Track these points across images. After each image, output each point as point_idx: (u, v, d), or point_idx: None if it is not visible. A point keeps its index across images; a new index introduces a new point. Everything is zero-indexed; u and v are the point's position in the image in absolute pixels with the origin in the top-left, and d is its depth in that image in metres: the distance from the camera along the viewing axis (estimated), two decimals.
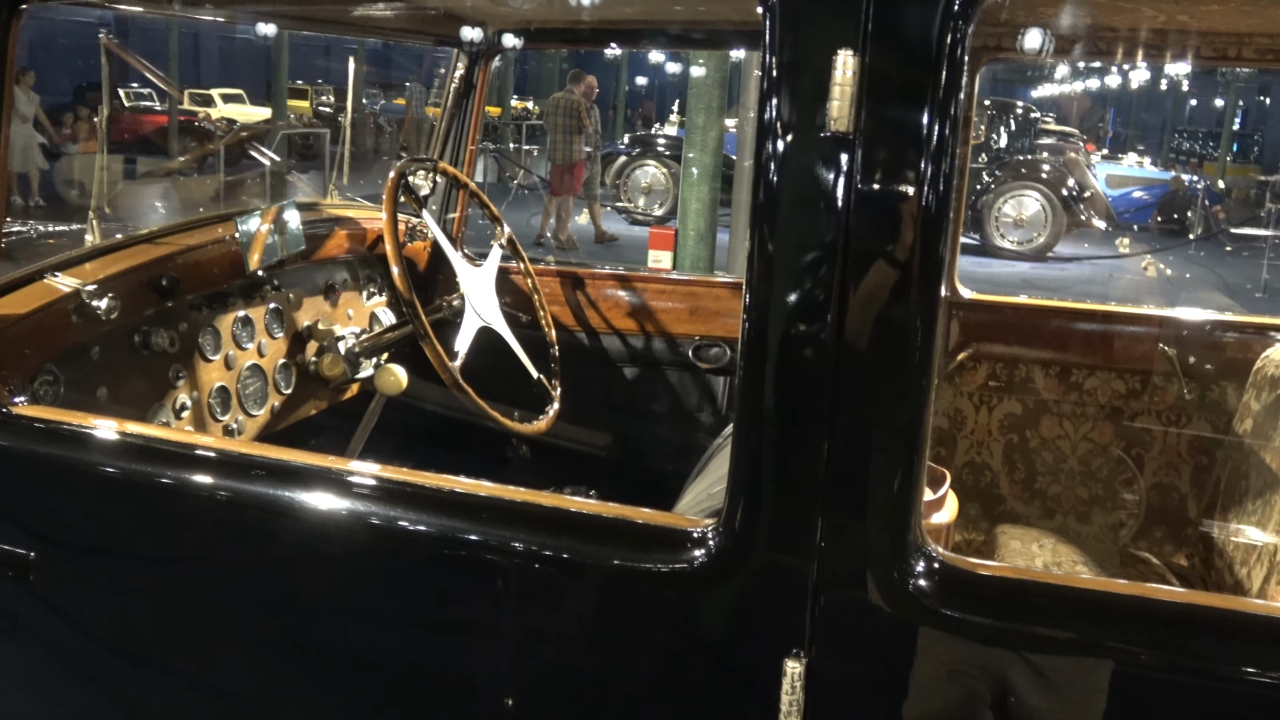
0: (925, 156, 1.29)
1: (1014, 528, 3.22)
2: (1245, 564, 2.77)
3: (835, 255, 1.31)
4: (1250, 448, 2.90)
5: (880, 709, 1.40)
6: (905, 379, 1.32)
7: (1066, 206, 15.82)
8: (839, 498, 1.35)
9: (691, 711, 1.48)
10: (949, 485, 2.49)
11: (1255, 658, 1.31)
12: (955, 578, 1.35)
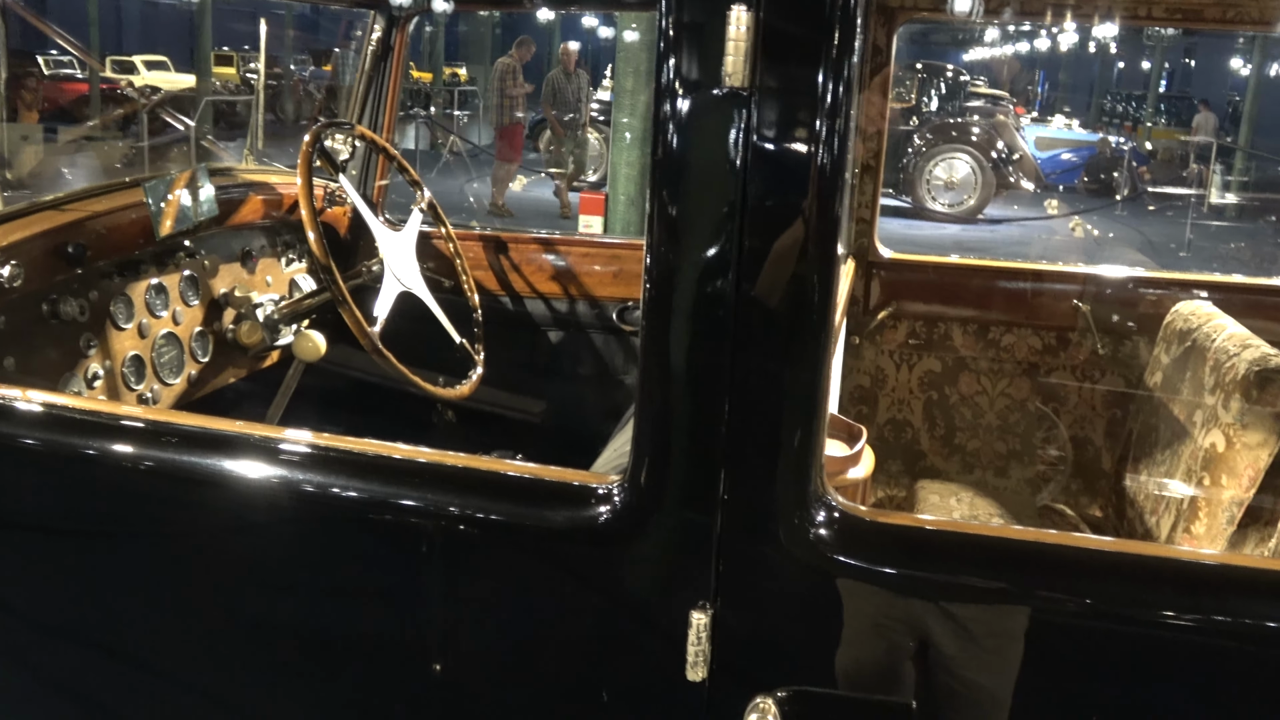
0: (821, 113, 1.30)
1: (934, 482, 3.27)
2: (1155, 513, 2.84)
3: (733, 213, 1.32)
4: (1160, 400, 2.97)
5: (785, 656, 1.43)
6: (804, 335, 1.34)
7: (996, 169, 16.00)
8: (741, 452, 1.37)
9: (601, 665, 1.50)
10: (865, 441, 2.53)
11: (1140, 599, 1.35)
12: (855, 527, 1.38)
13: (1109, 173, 18.09)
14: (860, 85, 1.36)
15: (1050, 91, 35.43)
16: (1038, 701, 1.39)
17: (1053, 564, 1.37)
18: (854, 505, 1.40)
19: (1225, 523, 2.57)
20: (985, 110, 18.14)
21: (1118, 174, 17.86)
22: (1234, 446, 2.51)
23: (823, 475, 1.39)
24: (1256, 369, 2.48)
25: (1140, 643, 1.37)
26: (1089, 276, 3.42)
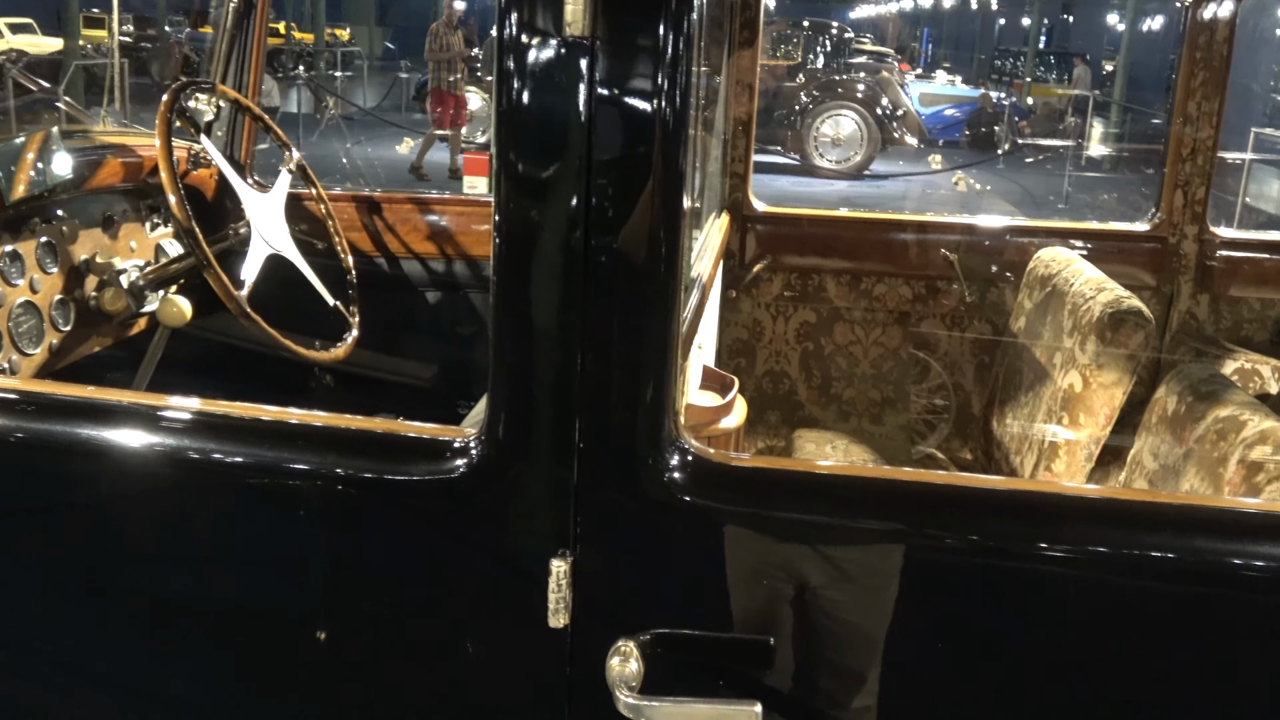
0: (664, 64, 1.31)
1: (811, 431, 3.34)
2: (1019, 453, 2.94)
3: (580, 166, 1.32)
4: (1024, 344, 3.07)
5: (646, 599, 1.45)
6: (654, 285, 1.36)
7: (881, 125, 16.24)
8: (595, 402, 1.38)
9: (465, 618, 1.51)
10: (737, 391, 2.58)
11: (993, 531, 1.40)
12: (709, 471, 1.41)
13: (990, 128, 18.48)
14: (702, 35, 1.38)
15: (934, 48, 35.97)
16: (892, 633, 1.43)
17: (896, 500, 1.42)
18: (706, 449, 1.42)
19: (1084, 460, 2.67)
20: (870, 67, 18.38)
21: (999, 129, 18.26)
22: (1091, 386, 2.60)
23: (678, 421, 1.41)
24: (1110, 311, 2.58)
25: (984, 574, 1.42)
26: (957, 226, 3.51)
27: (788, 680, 1.45)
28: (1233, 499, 1.74)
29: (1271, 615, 1.38)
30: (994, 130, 18.34)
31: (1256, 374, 3.32)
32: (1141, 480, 2.34)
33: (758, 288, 3.44)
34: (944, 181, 15.52)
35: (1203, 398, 2.13)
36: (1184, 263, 3.34)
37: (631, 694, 1.38)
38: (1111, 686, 1.42)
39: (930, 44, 37.17)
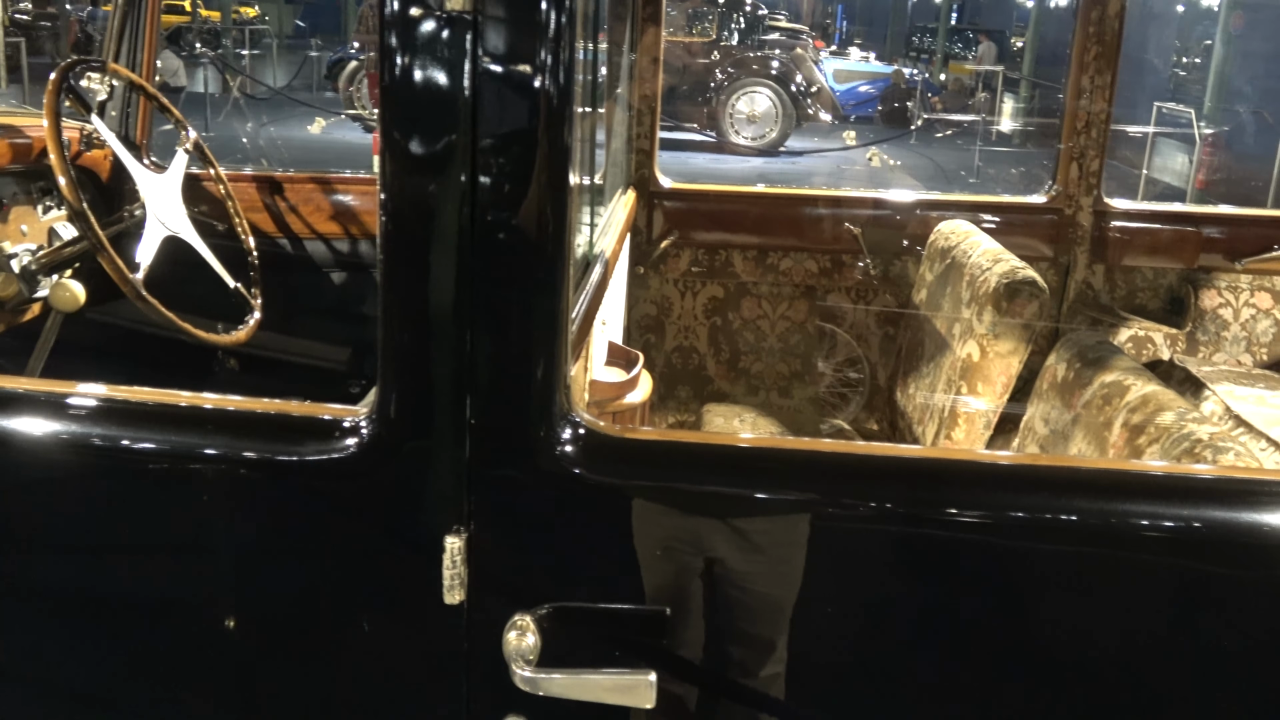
0: (546, 39, 1.30)
1: (720, 405, 3.37)
2: (921, 422, 3.00)
3: (464, 143, 1.32)
4: (925, 316, 3.13)
5: (542, 573, 1.46)
6: (541, 260, 1.36)
7: (796, 102, 16.33)
8: (484, 378, 1.38)
9: (360, 597, 1.51)
10: (641, 366, 2.59)
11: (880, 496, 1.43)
12: (601, 444, 1.41)
13: (903, 104, 18.69)
14: (584, 9, 1.37)
15: (848, 25, 36.26)
16: (784, 601, 1.46)
17: (786, 468, 1.44)
18: (599, 422, 1.43)
19: (983, 427, 2.73)
20: (785, 44, 18.46)
21: (911, 105, 18.47)
22: (988, 355, 2.66)
23: (570, 395, 1.42)
24: (1005, 281, 2.64)
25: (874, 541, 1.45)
26: (861, 200, 3.56)
27: (683, 649, 1.47)
28: (1142, 463, 1.78)
29: (1175, 574, 1.42)
30: (907, 106, 18.55)
31: (1150, 341, 3.43)
32: (1033, 445, 2.40)
33: (665, 264, 3.45)
34: (858, 157, 15.68)
35: (1090, 364, 2.19)
36: (1080, 234, 3.42)
37: (529, 667, 1.39)
38: (1018, 648, 1.45)
39: (844, 20, 37.46)
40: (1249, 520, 1.40)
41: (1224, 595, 1.42)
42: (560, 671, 1.40)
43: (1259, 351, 3.43)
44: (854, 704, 1.51)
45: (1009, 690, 1.47)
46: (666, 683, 1.46)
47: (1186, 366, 3.20)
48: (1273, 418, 2.89)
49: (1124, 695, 1.46)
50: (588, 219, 2.53)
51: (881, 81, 19.56)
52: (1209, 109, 14.42)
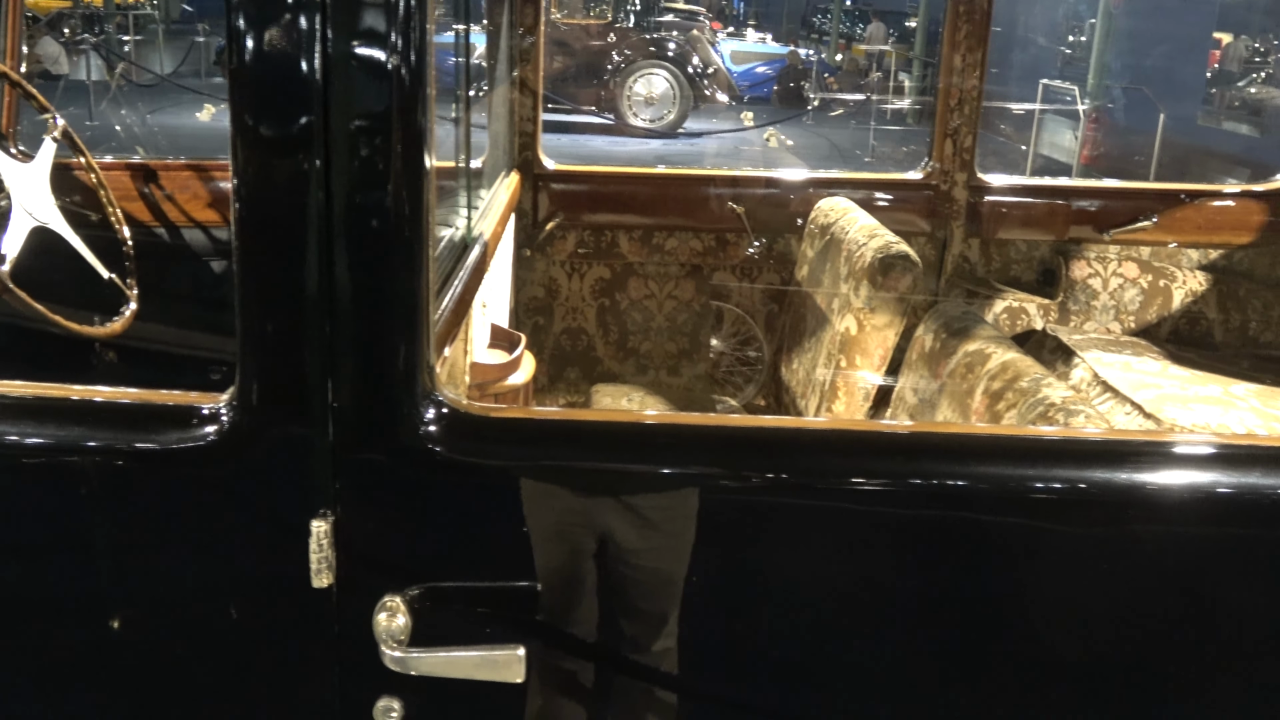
0: (398, 19, 1.30)
1: (609, 386, 3.40)
2: (804, 396, 3.06)
3: (316, 125, 1.31)
4: (807, 292, 3.19)
5: (411, 554, 1.46)
6: (397, 242, 1.36)
7: (693, 83, 16.39)
8: (345, 360, 1.38)
9: (228, 585, 1.50)
10: (524, 347, 2.61)
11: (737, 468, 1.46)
12: (466, 423, 1.42)
13: (799, 84, 18.87)
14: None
15: (745, 6, 36.43)
16: (647, 572, 1.48)
17: (650, 442, 1.47)
18: (463, 401, 1.44)
19: (862, 399, 2.79)
20: (681, 25, 18.51)
21: (807, 85, 18.66)
22: (865, 329, 2.72)
23: (432, 375, 1.42)
24: (880, 256, 2.70)
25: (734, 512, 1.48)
26: (744, 179, 3.60)
27: (554, 623, 1.49)
28: (1021, 428, 1.83)
29: (1057, 536, 1.48)
30: (803, 87, 18.73)
31: (1024, 311, 3.53)
32: (904, 415, 2.47)
33: (551, 245, 3.46)
34: (756, 138, 15.81)
35: (955, 334, 2.25)
36: (955, 208, 3.51)
37: (399, 647, 1.40)
38: (904, 613, 1.50)
39: (741, 2, 37.64)
40: (1099, 478, 1.46)
41: (1076, 551, 1.48)
42: (430, 651, 1.41)
43: (1126, 319, 3.56)
44: (732, 676, 1.54)
45: (898, 657, 1.51)
46: (539, 657, 1.48)
47: (1058, 335, 3.31)
48: (1138, 382, 3.01)
49: (1008, 654, 1.51)
50: (464, 202, 2.53)
51: (778, 62, 19.70)
52: (1092, 85, 14.80)
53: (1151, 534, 1.46)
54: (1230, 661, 1.50)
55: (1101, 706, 1.51)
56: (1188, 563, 1.47)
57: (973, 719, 1.53)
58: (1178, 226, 3.56)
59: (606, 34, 16.65)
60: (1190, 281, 3.55)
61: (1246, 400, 2.97)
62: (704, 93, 16.54)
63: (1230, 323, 3.52)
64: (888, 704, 1.53)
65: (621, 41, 16.52)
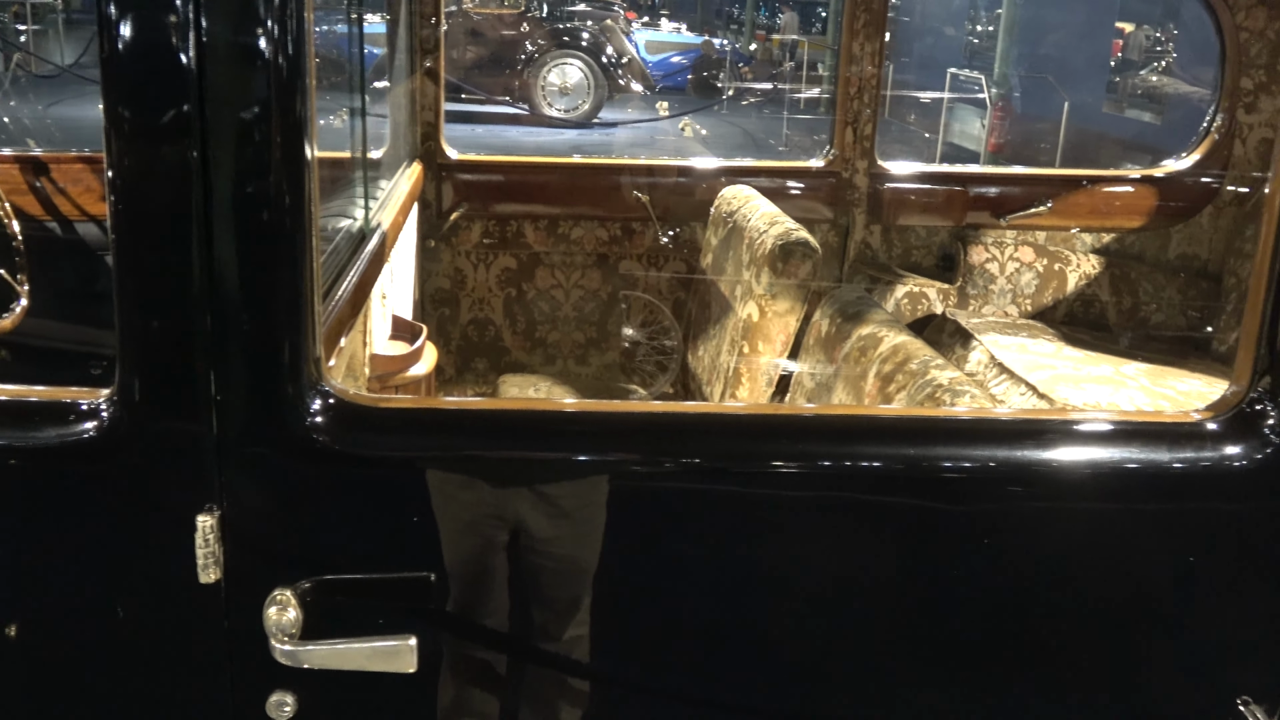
0: (272, 7, 1.29)
1: (516, 376, 3.40)
2: (710, 382, 3.09)
3: (191, 116, 1.30)
4: (711, 280, 3.21)
5: (301, 547, 1.46)
6: (278, 234, 1.35)
7: (608, 73, 16.37)
8: (227, 353, 1.37)
9: (114, 583, 1.48)
10: (425, 338, 2.60)
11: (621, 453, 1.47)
12: (352, 413, 1.42)
13: (714, 74, 18.94)
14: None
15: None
16: (538, 557, 1.49)
17: (537, 430, 1.48)
18: (351, 392, 1.44)
19: (765, 385, 2.83)
20: (595, 15, 18.46)
21: (722, 75, 18.74)
22: (767, 315, 2.75)
23: (319, 366, 1.41)
24: (780, 243, 2.73)
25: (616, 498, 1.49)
26: (648, 168, 3.62)
27: (446, 612, 1.49)
28: (938, 410, 1.86)
29: (960, 514, 1.51)
30: (717, 76, 18.80)
31: (924, 296, 3.60)
32: (802, 398, 2.50)
33: (457, 236, 3.45)
34: (671, 127, 15.82)
35: (849, 319, 2.29)
36: (857, 195, 3.56)
37: (289, 641, 1.39)
38: (818, 594, 1.52)
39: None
40: (981, 455, 1.50)
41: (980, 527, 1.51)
42: (321, 644, 1.40)
43: (1023, 302, 3.64)
44: (645, 662, 1.56)
45: (810, 638, 1.54)
46: (440, 648, 1.48)
47: (957, 319, 3.38)
48: (1033, 363, 3.08)
49: (918, 630, 1.54)
50: (362, 192, 2.51)
51: (692, 52, 19.75)
52: (999, 74, 15.07)
53: (1048, 509, 1.50)
54: (1118, 629, 1.55)
55: (997, 678, 1.55)
56: (1084, 536, 1.52)
57: (883, 696, 1.56)
58: (1071, 211, 3.65)
59: (520, 23, 16.56)
60: (1084, 265, 3.65)
61: (1137, 379, 3.07)
62: (618, 82, 16.52)
63: (1122, 304, 3.62)
64: (802, 685, 1.56)
65: (535, 31, 16.44)
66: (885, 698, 1.56)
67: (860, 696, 1.56)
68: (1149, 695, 1.60)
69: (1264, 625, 1.57)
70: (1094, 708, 1.60)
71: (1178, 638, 1.58)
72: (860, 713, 1.57)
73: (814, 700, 1.57)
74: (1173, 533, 1.53)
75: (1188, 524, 1.53)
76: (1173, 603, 1.56)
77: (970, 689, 1.57)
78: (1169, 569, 1.54)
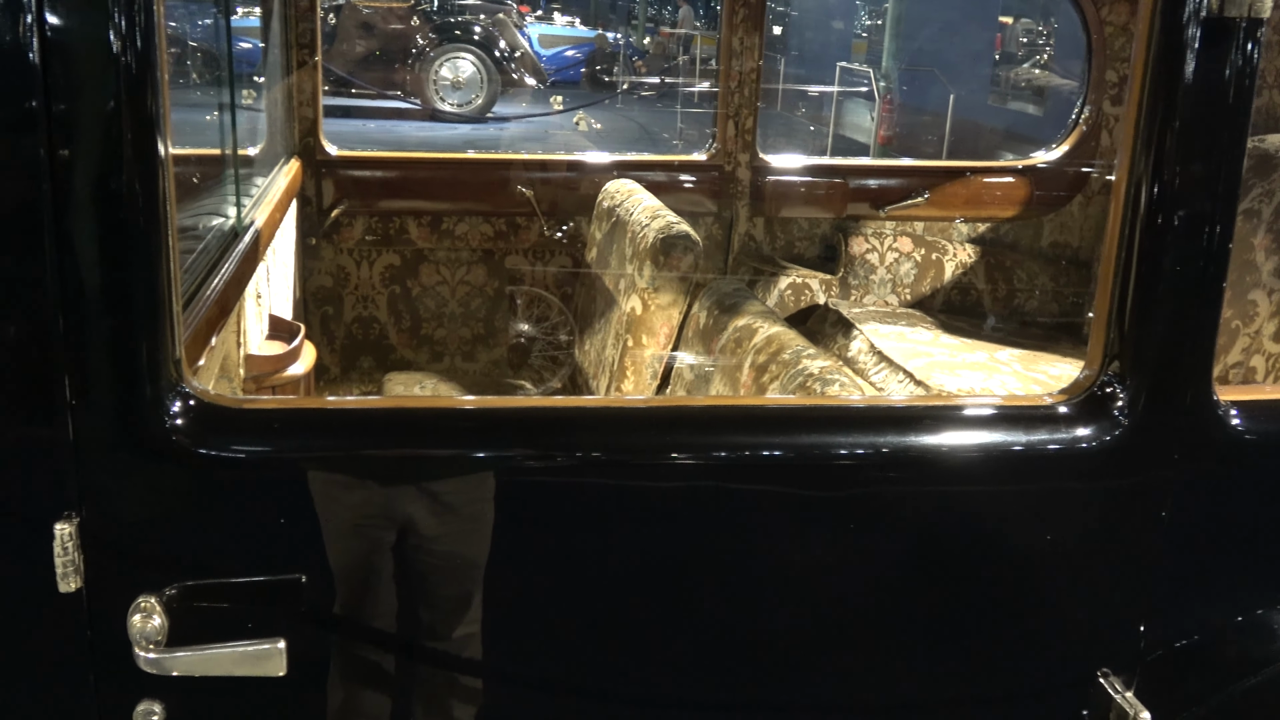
0: (119, 3, 1.26)
1: (402, 374, 3.37)
2: (596, 376, 3.10)
3: (36, 116, 1.26)
4: (596, 274, 3.22)
5: (165, 552, 1.43)
6: (132, 234, 1.32)
7: (501, 67, 16.27)
8: (82, 357, 1.33)
9: None
10: (303, 337, 2.56)
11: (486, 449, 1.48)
12: (216, 415, 1.40)
13: (608, 68, 18.96)
14: None
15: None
16: (408, 557, 1.49)
17: (406, 429, 1.47)
18: (209, 391, 1.41)
19: (650, 377, 2.85)
20: (488, 9, 18.33)
21: (616, 68, 18.77)
22: (650, 308, 2.77)
23: (179, 367, 1.39)
24: (662, 237, 2.75)
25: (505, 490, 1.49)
26: (533, 163, 3.62)
27: (317, 614, 1.48)
28: (829, 398, 1.89)
29: (842, 500, 1.54)
30: (611, 70, 18.83)
31: (807, 287, 3.65)
32: (682, 390, 2.53)
33: (338, 233, 3.40)
34: (565, 122, 15.80)
35: (726, 310, 2.32)
36: (740, 188, 3.60)
37: (154, 649, 1.37)
38: (704, 583, 1.53)
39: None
40: (840, 442, 1.53)
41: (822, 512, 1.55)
42: (188, 650, 1.38)
43: (903, 292, 3.72)
44: (536, 658, 1.56)
45: (701, 629, 1.55)
46: (301, 647, 1.47)
47: (839, 309, 3.44)
48: (911, 351, 3.16)
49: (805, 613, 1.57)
50: (234, 190, 2.46)
51: (586, 46, 19.74)
52: (886, 68, 15.34)
53: (915, 493, 1.54)
54: (985, 606, 1.60)
55: (874, 654, 1.59)
56: (949, 518, 1.57)
57: (772, 678, 1.59)
58: (948, 202, 3.74)
59: (411, 16, 16.36)
60: (961, 254, 3.74)
61: (1010, 365, 3.16)
62: (512, 77, 16.43)
63: (997, 292, 3.73)
64: (696, 674, 1.58)
65: (426, 25, 16.27)
66: (774, 679, 1.59)
67: (752, 679, 1.59)
68: (1015, 668, 1.65)
69: (1120, 600, 1.63)
70: (963, 681, 1.64)
71: (1041, 613, 1.63)
72: (752, 695, 1.60)
73: (708, 688, 1.60)
74: (1032, 513, 1.58)
75: (1046, 504, 1.59)
76: (1035, 580, 1.62)
77: (849, 665, 1.60)
78: (1030, 548, 1.59)
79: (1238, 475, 1.61)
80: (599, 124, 15.74)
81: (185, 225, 2.12)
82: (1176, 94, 1.41)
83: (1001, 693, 1.66)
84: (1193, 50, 1.40)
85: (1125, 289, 1.48)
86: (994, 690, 1.65)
